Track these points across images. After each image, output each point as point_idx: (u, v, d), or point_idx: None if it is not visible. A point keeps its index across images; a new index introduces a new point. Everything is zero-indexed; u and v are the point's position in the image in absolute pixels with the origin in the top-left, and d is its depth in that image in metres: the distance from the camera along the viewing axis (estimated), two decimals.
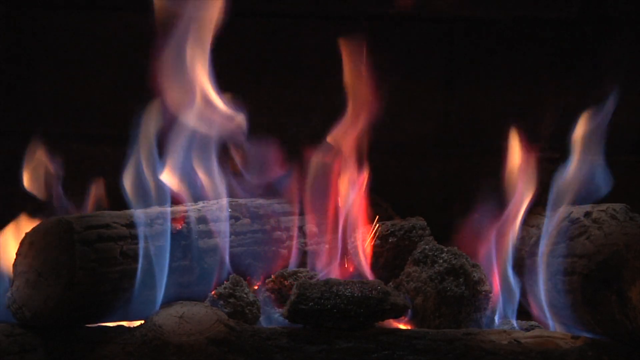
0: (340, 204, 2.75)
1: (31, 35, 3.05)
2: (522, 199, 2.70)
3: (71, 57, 3.05)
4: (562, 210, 2.62)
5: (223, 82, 2.72)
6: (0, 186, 3.01)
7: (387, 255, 2.75)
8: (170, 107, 2.66)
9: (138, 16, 2.83)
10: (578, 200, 2.65)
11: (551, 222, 2.62)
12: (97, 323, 2.48)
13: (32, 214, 2.71)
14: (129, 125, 2.66)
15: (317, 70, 3.01)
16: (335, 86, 2.79)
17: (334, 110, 2.78)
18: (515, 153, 2.77)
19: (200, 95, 2.69)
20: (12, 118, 3.06)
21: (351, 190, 2.74)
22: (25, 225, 2.61)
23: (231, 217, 2.68)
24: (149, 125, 2.64)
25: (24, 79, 3.07)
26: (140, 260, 2.47)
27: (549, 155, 2.82)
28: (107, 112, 3.05)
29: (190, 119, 2.67)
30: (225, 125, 2.72)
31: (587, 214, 2.57)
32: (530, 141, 2.78)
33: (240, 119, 2.73)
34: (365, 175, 2.74)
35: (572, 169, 2.67)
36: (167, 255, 2.51)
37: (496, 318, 2.63)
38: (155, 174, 2.62)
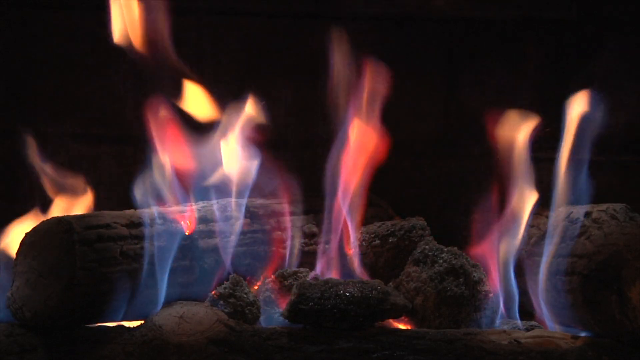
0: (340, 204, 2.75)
1: (31, 35, 3.05)
2: (525, 200, 2.70)
3: (71, 57, 3.05)
4: (562, 210, 2.62)
5: None
6: (1, 185, 3.01)
7: (387, 255, 2.75)
8: None
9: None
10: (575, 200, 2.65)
11: (551, 222, 2.62)
12: (97, 323, 2.48)
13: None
14: (129, 126, 2.66)
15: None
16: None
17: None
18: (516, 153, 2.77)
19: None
20: (12, 118, 3.06)
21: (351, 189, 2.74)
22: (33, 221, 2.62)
23: (231, 217, 2.68)
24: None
25: (24, 79, 3.07)
26: (141, 260, 2.47)
27: (549, 156, 2.82)
28: (107, 112, 3.05)
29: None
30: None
31: (587, 214, 2.57)
32: (529, 141, 2.78)
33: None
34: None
35: (564, 169, 2.67)
36: (170, 255, 2.51)
37: (496, 318, 2.64)
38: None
